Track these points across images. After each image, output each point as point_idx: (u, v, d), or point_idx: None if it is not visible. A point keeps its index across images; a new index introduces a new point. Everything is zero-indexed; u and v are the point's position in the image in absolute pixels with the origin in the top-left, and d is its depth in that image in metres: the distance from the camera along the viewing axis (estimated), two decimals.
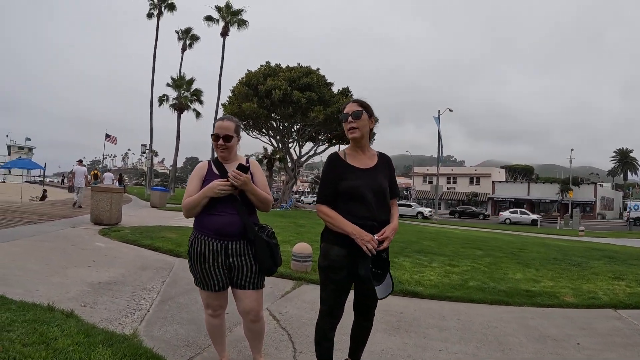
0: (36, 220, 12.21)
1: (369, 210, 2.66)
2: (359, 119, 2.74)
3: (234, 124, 2.96)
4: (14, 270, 5.95)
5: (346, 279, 2.72)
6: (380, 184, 2.77)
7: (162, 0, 40.37)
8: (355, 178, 2.71)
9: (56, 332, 3.44)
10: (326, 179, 2.79)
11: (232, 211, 2.80)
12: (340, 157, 2.81)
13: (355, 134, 2.75)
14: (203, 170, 2.96)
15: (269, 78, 32.00)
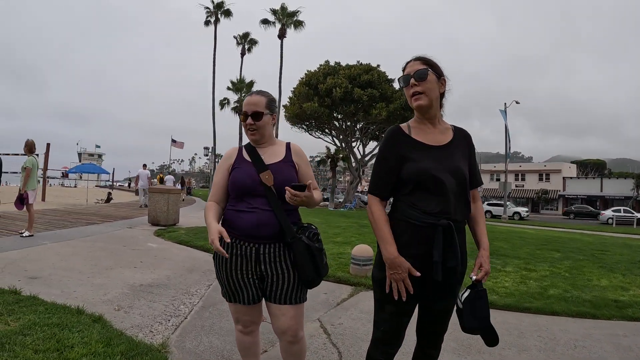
0: (95, 221, 12.49)
1: (443, 203, 2.01)
2: (424, 81, 2.06)
3: (266, 99, 2.42)
4: (59, 270, 5.87)
5: (410, 299, 2.06)
6: (459, 166, 2.10)
7: (218, 7, 42.24)
8: (424, 158, 2.06)
9: (75, 339, 3.16)
10: (383, 161, 2.15)
11: (265, 206, 2.28)
12: (404, 131, 2.16)
13: (420, 101, 2.07)
14: (231, 158, 2.46)
15: (328, 77, 32.25)
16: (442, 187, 2.01)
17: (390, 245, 2.02)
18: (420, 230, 2.01)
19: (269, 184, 2.28)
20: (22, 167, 8.83)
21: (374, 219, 2.10)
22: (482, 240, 2.19)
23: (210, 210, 2.35)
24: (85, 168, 35.43)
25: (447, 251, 1.98)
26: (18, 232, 8.78)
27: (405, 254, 2.00)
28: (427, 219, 2.00)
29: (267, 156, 2.40)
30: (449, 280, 2.03)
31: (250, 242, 2.27)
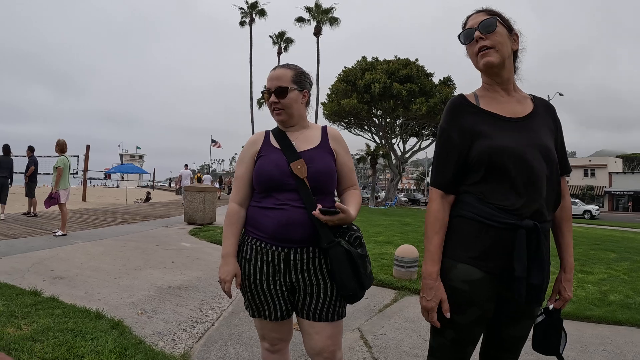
0: (131, 220, 12.52)
1: (529, 195, 1.55)
2: (492, 33, 1.62)
3: (292, 71, 2.03)
4: (86, 270, 5.73)
5: (477, 323, 1.63)
6: (548, 144, 1.62)
7: (252, 7, 42.87)
8: (499, 133, 1.61)
9: (87, 348, 2.91)
10: (444, 140, 1.70)
11: (296, 202, 1.89)
12: (469, 100, 1.71)
13: (490, 57, 1.62)
14: (256, 144, 2.06)
15: (366, 72, 32.09)
16: (528, 171, 1.55)
17: (432, 263, 1.63)
18: (496, 234, 1.56)
19: (301, 176, 1.88)
20: (53, 167, 8.85)
21: (427, 221, 1.68)
22: (566, 258, 1.74)
23: (230, 223, 1.99)
24: (123, 168, 36.52)
25: (531, 263, 1.53)
26: (52, 232, 8.79)
27: (476, 263, 1.58)
28: (505, 218, 1.54)
29: (299, 142, 2.00)
30: (529, 299, 1.58)
31: (278, 245, 1.89)
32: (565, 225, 1.75)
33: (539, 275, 1.54)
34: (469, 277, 1.59)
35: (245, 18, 43.07)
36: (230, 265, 1.94)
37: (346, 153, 2.09)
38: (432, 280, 1.61)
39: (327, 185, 1.95)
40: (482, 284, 1.58)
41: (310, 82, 2.12)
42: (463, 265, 1.60)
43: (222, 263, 1.96)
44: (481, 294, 1.59)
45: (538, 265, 1.53)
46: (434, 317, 1.62)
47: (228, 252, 1.96)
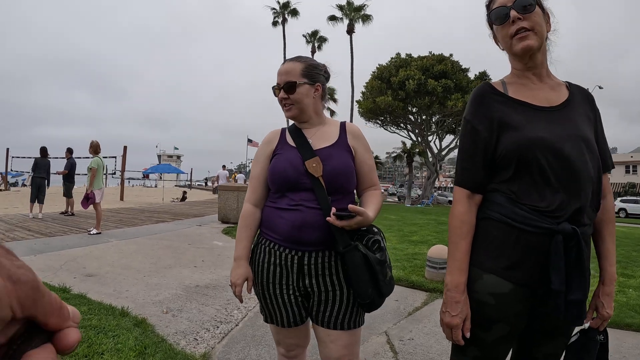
0: (166, 219, 12.73)
1: (567, 194, 1.37)
2: (531, 13, 1.44)
3: (302, 64, 1.92)
4: (116, 268, 5.84)
5: (504, 340, 1.47)
6: (588, 135, 1.43)
7: (284, 7, 43.08)
8: (531, 124, 1.43)
9: (108, 345, 2.93)
10: (469, 133, 1.53)
11: (312, 203, 1.80)
12: (496, 88, 1.55)
13: (530, 41, 1.44)
14: (272, 142, 2.00)
15: (400, 69, 31.90)
16: (566, 167, 1.36)
17: (459, 272, 1.46)
18: (529, 240, 1.39)
19: (316, 175, 1.80)
20: (87, 168, 9.10)
21: (451, 225, 1.52)
22: (607, 268, 1.51)
23: (244, 226, 1.93)
24: (160, 168, 37.52)
25: (570, 275, 1.35)
26: (87, 230, 9.03)
27: (509, 278, 1.41)
28: (539, 221, 1.36)
29: (315, 139, 1.92)
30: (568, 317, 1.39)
31: (292, 248, 1.81)
32: (606, 228, 1.53)
33: (579, 289, 1.35)
34: (497, 290, 1.43)
35: (278, 18, 43.37)
36: (242, 269, 1.89)
37: (366, 150, 1.98)
38: (458, 293, 1.44)
39: (344, 185, 1.86)
40: (512, 298, 1.41)
41: (326, 75, 2.02)
42: (490, 276, 1.44)
43: (234, 266, 1.91)
44: (510, 309, 1.42)
45: (579, 277, 1.34)
46: (458, 335, 1.45)
47: (240, 255, 1.91)
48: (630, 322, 4.22)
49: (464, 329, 1.45)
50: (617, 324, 4.17)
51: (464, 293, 1.45)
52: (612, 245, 1.53)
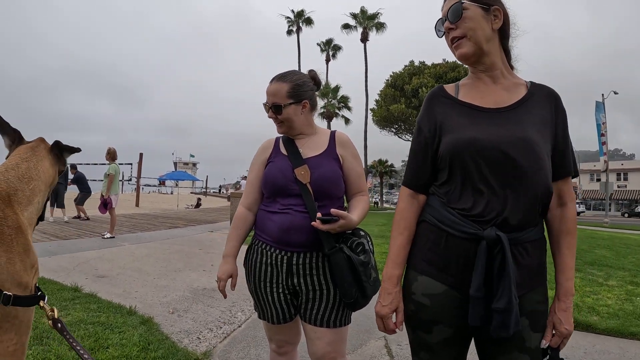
0: (179, 225, 12.95)
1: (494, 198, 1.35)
2: (459, 19, 1.45)
3: (288, 85, 2.03)
4: (127, 270, 6.02)
5: (449, 343, 1.46)
6: (528, 137, 1.36)
7: (299, 15, 43.75)
8: (468, 126, 1.43)
9: (113, 340, 3.09)
10: (416, 134, 1.58)
11: (300, 208, 1.93)
12: (446, 91, 1.58)
13: (462, 49, 1.47)
14: (266, 151, 2.14)
15: (414, 77, 32.19)
16: (495, 170, 1.35)
17: (393, 265, 1.51)
18: (457, 245, 1.39)
19: (304, 181, 1.93)
20: (105, 174, 9.34)
21: (393, 221, 1.56)
22: (562, 282, 1.43)
23: (236, 227, 2.09)
24: (175, 175, 38.20)
25: (495, 282, 1.31)
26: (101, 234, 9.26)
27: (442, 280, 1.42)
28: (465, 226, 1.37)
29: (306, 148, 2.06)
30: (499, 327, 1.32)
31: (281, 249, 1.94)
32: (564, 239, 1.45)
33: (503, 298, 1.29)
34: (430, 291, 1.44)
35: (292, 27, 44.00)
36: (228, 265, 2.04)
37: (354, 158, 2.09)
38: (391, 284, 1.50)
39: (331, 191, 1.97)
40: (446, 300, 1.42)
41: (313, 87, 2.13)
42: (424, 277, 1.47)
43: (221, 263, 2.06)
44: (445, 311, 1.42)
45: (502, 285, 1.29)
46: (389, 325, 1.51)
47: (228, 253, 2.07)
48: (635, 331, 4.17)
49: (397, 322, 1.52)
50: (621, 332, 4.16)
51: (397, 286, 1.51)
52: (570, 259, 1.44)
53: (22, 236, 1.32)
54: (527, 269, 1.38)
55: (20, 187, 1.44)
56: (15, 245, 1.28)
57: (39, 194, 1.55)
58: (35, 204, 1.52)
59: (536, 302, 1.40)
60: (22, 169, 1.50)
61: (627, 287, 6.14)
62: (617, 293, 5.70)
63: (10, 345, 1.24)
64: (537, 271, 1.41)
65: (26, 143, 1.66)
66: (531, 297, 1.40)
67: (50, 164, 1.69)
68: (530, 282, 1.40)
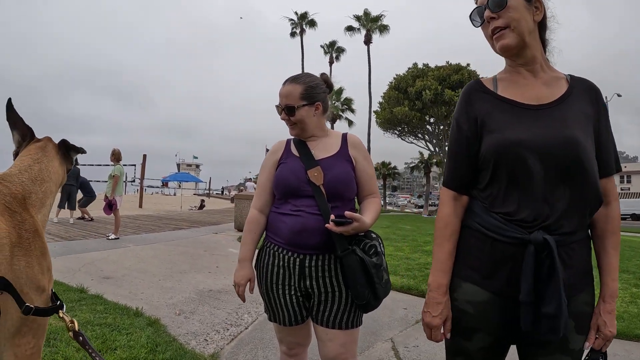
0: (183, 226, 12.96)
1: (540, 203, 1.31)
2: (503, 8, 1.38)
3: (301, 87, 2.02)
4: (133, 272, 6.01)
5: (489, 351, 1.44)
6: (574, 136, 1.31)
7: (302, 17, 43.82)
8: (510, 125, 1.37)
9: (121, 342, 3.08)
10: (455, 132, 1.52)
11: (312, 209, 1.92)
12: (485, 85, 1.51)
13: (505, 40, 1.40)
14: (277, 152, 2.13)
15: (417, 79, 32.21)
16: (541, 172, 1.30)
17: (441, 274, 1.46)
18: (503, 250, 1.35)
19: (317, 183, 1.92)
20: (109, 175, 9.34)
21: (436, 227, 1.51)
22: (608, 283, 1.39)
23: (249, 230, 2.07)
24: (179, 177, 38.32)
25: (544, 287, 1.28)
26: (105, 235, 9.26)
27: (486, 287, 1.39)
28: (510, 231, 1.33)
29: (318, 150, 2.05)
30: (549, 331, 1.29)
31: (293, 251, 1.93)
32: (609, 239, 1.40)
33: (552, 303, 1.26)
34: (474, 299, 1.41)
35: (296, 29, 44.05)
36: (246, 270, 2.02)
37: (365, 160, 2.08)
38: (440, 294, 1.45)
39: (344, 193, 1.97)
40: (490, 307, 1.39)
41: (325, 90, 2.13)
42: (468, 284, 1.44)
43: (237, 267, 2.04)
44: (488, 319, 1.40)
45: (551, 289, 1.26)
46: (437, 336, 1.47)
47: (244, 257, 2.05)
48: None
49: (445, 330, 1.47)
50: (626, 334, 4.15)
51: (446, 295, 1.46)
52: (615, 259, 1.40)
53: (39, 239, 1.31)
54: (575, 270, 1.34)
55: (34, 190, 1.43)
56: (34, 249, 1.27)
57: (50, 196, 1.54)
58: (47, 206, 1.51)
59: (584, 303, 1.37)
60: (35, 171, 1.49)
61: (632, 289, 6.12)
62: (622, 296, 5.68)
63: (28, 348, 1.24)
64: (585, 271, 1.38)
65: (36, 141, 1.65)
66: (579, 298, 1.36)
67: (59, 164, 1.67)
68: (579, 283, 1.36)
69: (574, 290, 1.35)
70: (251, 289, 2.04)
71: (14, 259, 1.20)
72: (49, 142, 1.67)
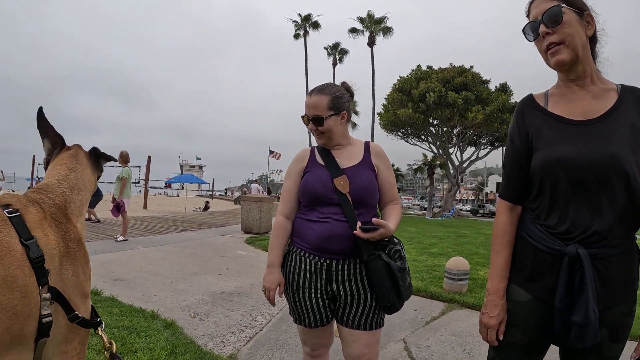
0: (190, 228, 13.01)
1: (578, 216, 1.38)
2: (559, 24, 1.40)
3: (328, 97, 2.09)
4: (144, 274, 6.05)
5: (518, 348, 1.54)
6: (616, 152, 1.34)
7: (306, 19, 43.88)
8: (557, 141, 1.43)
9: (140, 344, 3.12)
10: (509, 146, 1.60)
11: (339, 216, 1.99)
12: (536, 101, 1.56)
13: (561, 55, 1.42)
14: (303, 160, 2.20)
15: (421, 81, 31.96)
16: (579, 188, 1.37)
17: (499, 279, 1.55)
18: (544, 259, 1.45)
19: (343, 191, 1.99)
20: (118, 177, 9.38)
21: (493, 234, 1.60)
22: None
23: (277, 235, 2.12)
24: (183, 178, 38.42)
25: (575, 296, 1.35)
26: (113, 237, 9.32)
27: (528, 290, 1.50)
28: (550, 243, 1.42)
29: (342, 158, 2.12)
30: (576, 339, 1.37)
31: (320, 256, 2.00)
32: None
33: (580, 312, 1.33)
34: (515, 298, 1.53)
35: (299, 31, 44.14)
36: (275, 275, 2.06)
37: (387, 168, 2.15)
38: (498, 297, 1.54)
39: (368, 200, 2.03)
40: (528, 308, 1.49)
41: (349, 98, 2.19)
42: (512, 285, 1.55)
43: (267, 272, 2.08)
44: (525, 318, 1.50)
45: (582, 300, 1.33)
46: (493, 335, 1.55)
47: (273, 262, 2.08)
48: None
49: (499, 331, 1.54)
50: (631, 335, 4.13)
51: (503, 298, 1.54)
52: None
53: (82, 248, 1.37)
54: (613, 283, 1.39)
55: (72, 199, 1.49)
56: (79, 258, 1.33)
57: (85, 204, 1.59)
58: (84, 215, 1.56)
59: (621, 314, 1.42)
60: (71, 180, 1.54)
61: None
62: None
63: (75, 354, 1.28)
64: (625, 284, 1.41)
65: (67, 149, 1.69)
66: (616, 309, 1.41)
67: (91, 172, 1.73)
68: (615, 295, 1.40)
69: (610, 301, 1.39)
70: (280, 293, 2.08)
71: (62, 268, 1.26)
72: (79, 149, 1.72)
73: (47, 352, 1.23)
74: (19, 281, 1.11)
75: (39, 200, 1.35)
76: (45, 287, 1.17)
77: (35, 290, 1.15)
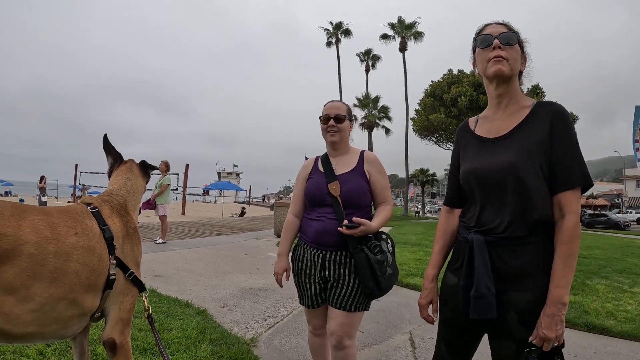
0: (225, 232, 13.64)
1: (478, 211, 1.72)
2: (511, 47, 1.70)
3: (346, 107, 2.65)
4: (181, 272, 6.62)
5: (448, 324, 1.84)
6: (508, 161, 1.61)
7: (337, 27, 44.21)
8: (473, 157, 1.79)
9: (175, 325, 3.62)
10: (450, 164, 2.02)
11: (331, 215, 2.43)
12: (468, 125, 1.92)
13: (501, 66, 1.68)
14: (308, 168, 2.69)
15: (452, 86, 31.99)
16: (483, 190, 1.71)
17: (429, 266, 1.94)
18: (461, 247, 1.80)
19: (335, 194, 2.43)
20: (156, 184, 10.10)
21: (438, 227, 1.99)
22: (551, 289, 1.53)
23: (287, 230, 2.65)
24: (220, 185, 39.57)
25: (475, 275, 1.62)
26: (153, 240, 9.99)
27: (455, 274, 1.81)
28: (463, 233, 1.80)
29: (339, 166, 2.56)
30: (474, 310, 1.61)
31: (318, 248, 2.45)
32: (558, 249, 1.56)
33: (474, 287, 1.59)
34: (446, 282, 1.86)
35: (331, 39, 44.53)
36: (283, 262, 2.59)
37: (379, 173, 2.56)
38: (427, 281, 1.92)
39: (358, 202, 2.45)
40: (453, 289, 1.77)
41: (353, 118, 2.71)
42: (447, 271, 1.88)
43: (277, 260, 2.62)
44: (451, 298, 1.79)
45: (475, 276, 1.60)
46: (424, 313, 1.92)
47: (282, 252, 2.62)
48: None
49: (432, 310, 1.92)
50: (635, 335, 4.36)
51: (432, 282, 1.91)
52: (559, 267, 1.53)
53: (136, 233, 1.97)
54: (513, 268, 1.59)
55: (130, 199, 2.12)
56: (134, 239, 1.93)
57: (139, 203, 2.24)
58: (137, 210, 2.21)
59: (526, 301, 1.57)
60: (129, 186, 2.18)
61: None
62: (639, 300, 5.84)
63: (128, 304, 1.83)
64: (528, 272, 1.58)
65: (123, 162, 2.32)
66: (521, 295, 1.58)
67: (142, 179, 2.36)
68: (516, 280, 1.59)
69: (510, 284, 1.60)
70: (287, 277, 2.60)
71: (124, 245, 1.84)
72: (133, 163, 2.37)
73: (109, 302, 1.76)
74: (97, 250, 1.69)
75: (109, 200, 1.96)
76: (113, 256, 1.74)
77: (107, 257, 1.72)
